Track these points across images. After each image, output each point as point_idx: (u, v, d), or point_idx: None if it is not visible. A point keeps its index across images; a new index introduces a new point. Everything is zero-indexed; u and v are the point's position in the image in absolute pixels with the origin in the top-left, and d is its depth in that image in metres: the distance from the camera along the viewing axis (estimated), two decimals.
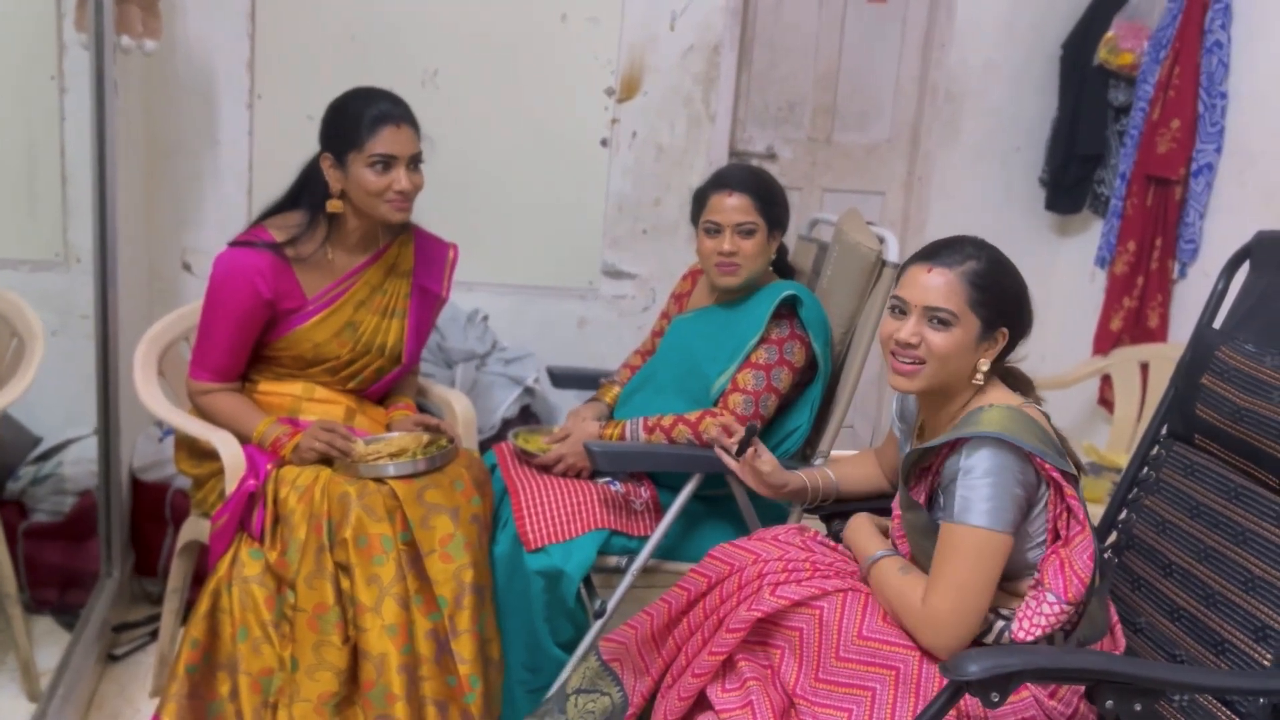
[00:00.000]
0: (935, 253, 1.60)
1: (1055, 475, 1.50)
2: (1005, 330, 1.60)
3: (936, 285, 1.57)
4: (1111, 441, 3.15)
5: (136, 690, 2.31)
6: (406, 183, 2.03)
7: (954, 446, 1.53)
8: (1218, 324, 1.84)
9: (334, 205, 2.06)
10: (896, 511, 1.71)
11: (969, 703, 1.45)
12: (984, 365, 1.59)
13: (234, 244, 2.07)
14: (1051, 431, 1.57)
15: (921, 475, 1.64)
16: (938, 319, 1.57)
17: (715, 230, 2.10)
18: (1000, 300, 1.58)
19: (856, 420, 3.75)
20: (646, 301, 3.39)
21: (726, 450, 1.88)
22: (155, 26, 2.44)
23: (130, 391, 2.38)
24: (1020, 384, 1.67)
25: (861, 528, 1.73)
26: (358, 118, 2.01)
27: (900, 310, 1.61)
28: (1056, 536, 1.54)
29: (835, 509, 1.92)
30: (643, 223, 3.34)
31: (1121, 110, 3.34)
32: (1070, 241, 3.63)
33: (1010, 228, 3.46)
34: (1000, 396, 1.60)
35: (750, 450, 1.84)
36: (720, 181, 2.12)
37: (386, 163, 2.01)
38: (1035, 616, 1.50)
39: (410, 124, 2.05)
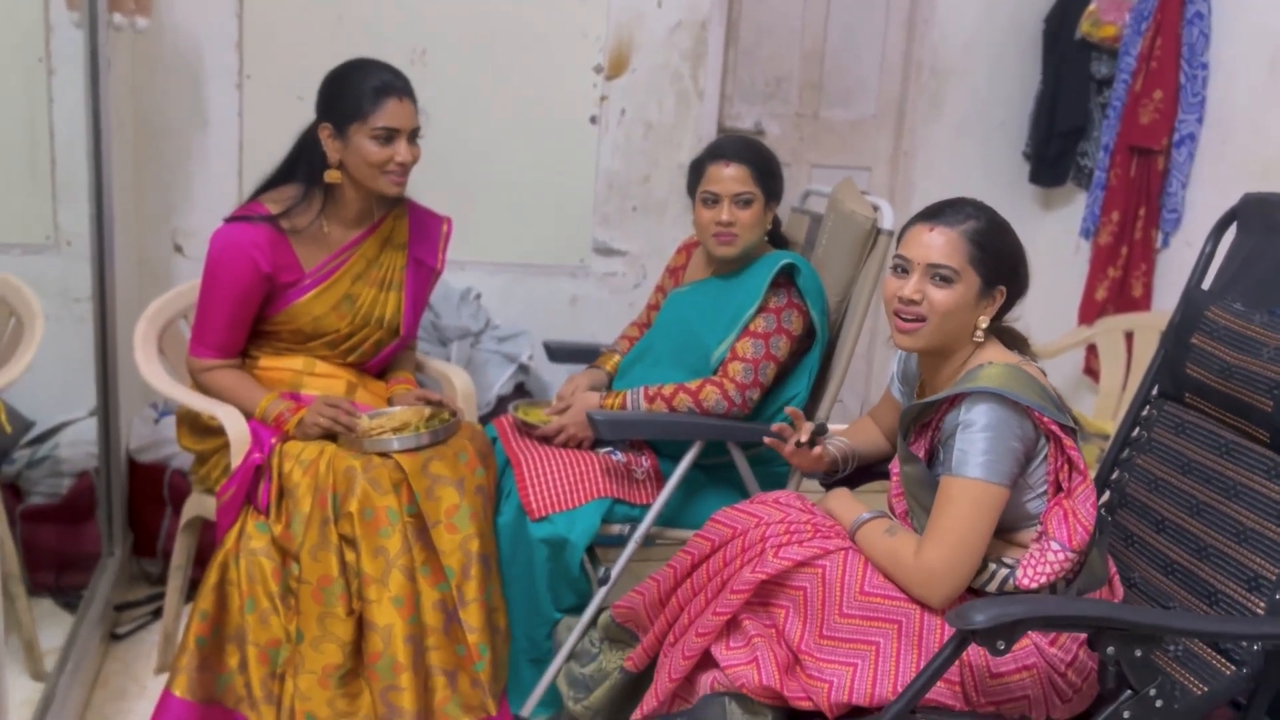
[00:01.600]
0: (937, 213, 1.65)
1: (1054, 428, 1.54)
2: (1003, 289, 1.64)
3: (938, 243, 1.61)
4: (1098, 409, 3.20)
5: (141, 668, 2.32)
6: (407, 155, 2.04)
7: (953, 402, 1.57)
8: (1206, 285, 1.88)
9: (332, 176, 2.07)
10: (896, 472, 1.74)
11: (973, 652, 1.49)
12: (983, 322, 1.63)
13: (230, 219, 2.07)
14: (1051, 388, 1.60)
15: (921, 431, 1.67)
16: (940, 276, 1.60)
17: (713, 200, 2.12)
18: (999, 258, 1.62)
19: (845, 393, 3.78)
20: (637, 278, 3.41)
21: (780, 437, 1.86)
22: (146, 4, 2.43)
23: (127, 373, 2.39)
24: (1016, 342, 1.71)
25: (842, 496, 1.76)
26: (360, 89, 2.01)
27: (903, 269, 1.65)
28: (1059, 489, 1.57)
29: (846, 476, 1.95)
30: (632, 200, 3.36)
31: (1104, 83, 3.38)
32: (1054, 214, 3.67)
33: (995, 201, 3.39)
34: (998, 354, 1.64)
35: (818, 449, 1.85)
36: (718, 152, 2.14)
37: (389, 135, 2.02)
38: (1040, 564, 1.53)
39: (411, 97, 2.06)
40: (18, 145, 2.59)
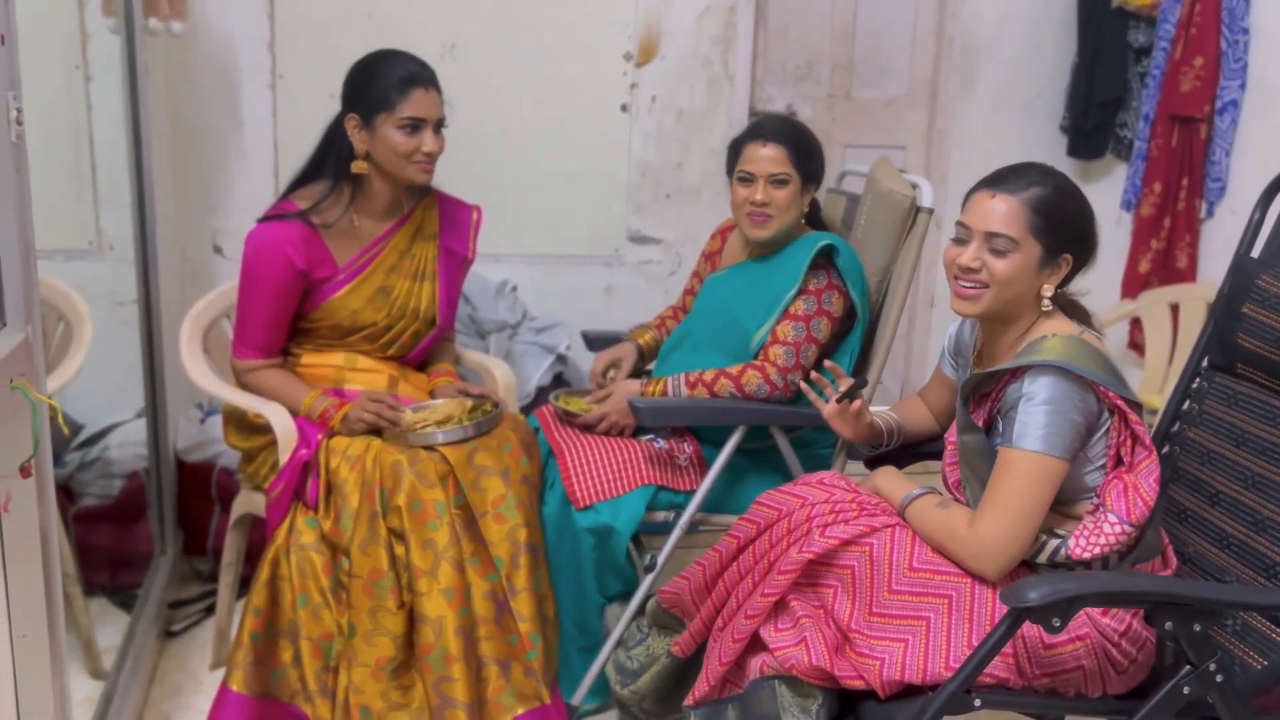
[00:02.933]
0: (1000, 179, 1.62)
1: (1119, 403, 1.52)
2: (1068, 256, 1.61)
3: (999, 211, 1.59)
4: (1144, 384, 3.16)
5: (196, 664, 2.36)
6: (434, 145, 2.06)
7: (1015, 374, 1.55)
8: (1256, 253, 1.85)
9: (359, 166, 2.08)
10: (950, 443, 1.73)
11: (1025, 625, 1.47)
12: (1048, 290, 1.61)
13: (263, 219, 2.10)
14: (1112, 360, 1.58)
15: (980, 401, 1.65)
16: (996, 245, 1.59)
17: (748, 180, 2.11)
18: (1062, 227, 1.59)
19: (885, 375, 3.75)
20: (673, 266, 3.40)
21: (816, 389, 1.87)
22: (181, 7, 2.45)
23: (172, 374, 2.41)
24: (1078, 314, 1.68)
25: (890, 474, 1.75)
26: (387, 80, 2.03)
27: (963, 237, 1.63)
28: (1119, 462, 1.55)
29: (883, 454, 1.94)
30: (665, 187, 3.35)
31: (1142, 52, 3.33)
32: (1094, 187, 3.61)
33: None
34: (1061, 326, 1.61)
35: (857, 402, 1.84)
36: (756, 131, 2.13)
37: (416, 125, 2.03)
38: (1095, 535, 1.51)
39: (436, 87, 2.07)
40: (59, 152, 2.62)
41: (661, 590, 1.86)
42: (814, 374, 1.85)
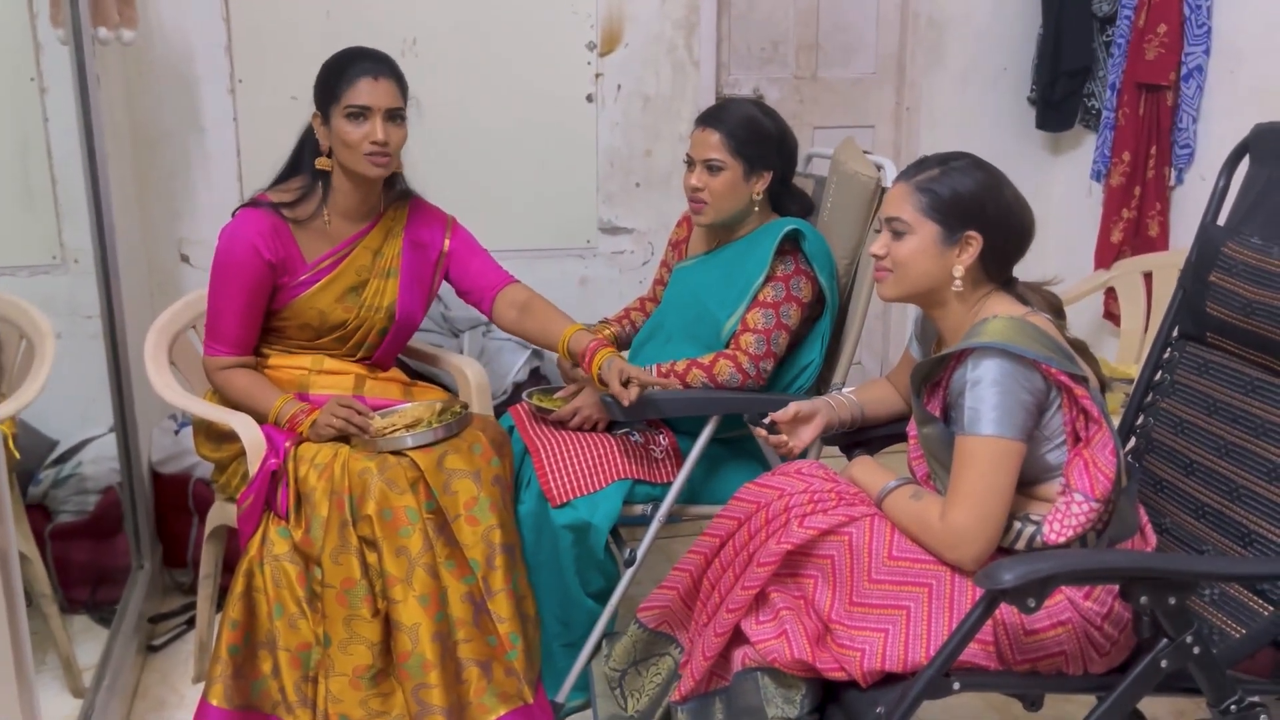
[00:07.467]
0: (905, 169, 1.67)
1: (1063, 379, 1.51)
2: (974, 235, 1.60)
3: (893, 197, 1.64)
4: (1120, 354, 3.16)
5: (179, 678, 2.34)
6: (382, 134, 2.02)
7: (960, 359, 1.55)
8: (1222, 220, 1.84)
9: (323, 163, 2.08)
10: (913, 434, 1.72)
11: (1005, 611, 1.47)
12: (958, 271, 1.61)
13: (235, 212, 2.10)
14: (1061, 339, 1.57)
15: (933, 389, 1.65)
16: (893, 229, 1.63)
17: (689, 163, 2.12)
18: (953, 205, 1.59)
19: (863, 355, 3.76)
20: (645, 255, 3.38)
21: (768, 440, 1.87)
22: (131, 15, 2.41)
23: (143, 386, 2.39)
24: (1037, 298, 1.66)
25: (866, 464, 1.74)
26: (340, 72, 2.02)
27: (879, 227, 1.70)
28: (1077, 439, 1.55)
29: (857, 438, 1.93)
30: (635, 176, 3.33)
31: (1107, 20, 3.31)
32: (1064, 158, 3.61)
33: (1003, 150, 3.40)
34: (1004, 308, 1.61)
35: (778, 424, 1.84)
36: (703, 116, 2.14)
37: (362, 113, 2.01)
38: (1066, 518, 1.51)
39: (391, 78, 2.05)
40: (17, 166, 2.59)
41: (641, 608, 1.83)
42: (757, 430, 1.86)
